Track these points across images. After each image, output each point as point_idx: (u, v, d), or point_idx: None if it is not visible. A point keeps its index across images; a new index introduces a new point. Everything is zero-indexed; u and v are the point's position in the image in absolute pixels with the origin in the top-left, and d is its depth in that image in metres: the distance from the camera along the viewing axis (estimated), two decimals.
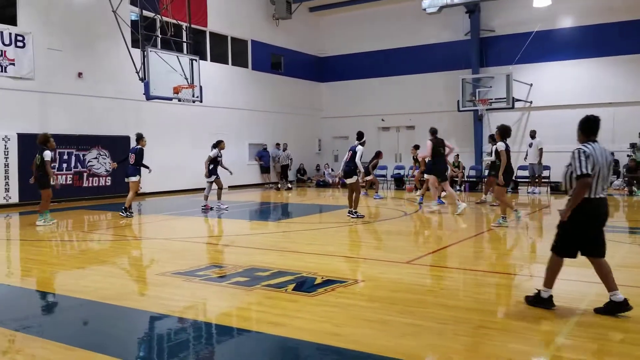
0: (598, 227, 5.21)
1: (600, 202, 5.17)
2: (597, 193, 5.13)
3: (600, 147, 5.19)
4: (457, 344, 4.50)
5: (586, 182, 5.04)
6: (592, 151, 5.10)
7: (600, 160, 5.10)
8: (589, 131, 5.27)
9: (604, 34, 22.08)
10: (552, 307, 5.28)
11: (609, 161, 5.18)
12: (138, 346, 4.77)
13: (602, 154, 5.14)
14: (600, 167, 5.09)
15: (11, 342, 4.73)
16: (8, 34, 16.02)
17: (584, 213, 5.13)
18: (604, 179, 5.14)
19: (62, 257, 8.87)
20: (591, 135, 5.27)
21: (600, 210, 5.18)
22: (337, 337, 4.63)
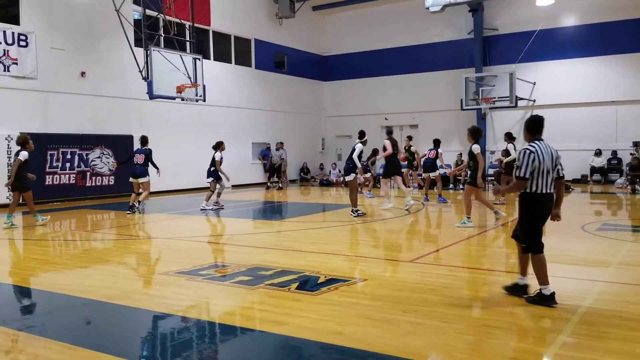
0: (542, 221, 5.57)
1: (547, 198, 5.52)
2: (543, 189, 5.47)
3: (545, 145, 5.52)
4: (461, 342, 4.50)
5: (521, 184, 5.48)
6: (537, 150, 5.44)
7: (545, 158, 5.44)
8: (535, 130, 5.62)
9: (607, 32, 22.04)
10: (555, 304, 5.36)
11: (553, 158, 5.52)
12: (141, 345, 4.78)
13: (546, 152, 5.47)
14: (544, 165, 5.43)
15: (14, 341, 4.75)
16: (11, 34, 16.05)
17: (531, 207, 5.54)
18: (548, 176, 5.47)
19: (65, 257, 8.89)
20: (537, 134, 5.61)
21: (545, 206, 5.53)
22: (341, 336, 4.63)
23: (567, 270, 7.26)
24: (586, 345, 4.37)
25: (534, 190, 5.47)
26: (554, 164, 5.54)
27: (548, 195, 5.51)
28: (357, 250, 9.25)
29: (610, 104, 22.06)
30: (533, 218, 5.54)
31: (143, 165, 13.81)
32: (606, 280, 6.62)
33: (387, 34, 26.87)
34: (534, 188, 5.46)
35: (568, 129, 22.61)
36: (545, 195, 5.49)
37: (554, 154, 5.56)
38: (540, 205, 5.51)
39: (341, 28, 28.62)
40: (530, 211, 5.54)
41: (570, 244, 9.23)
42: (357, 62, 27.97)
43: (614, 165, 21.91)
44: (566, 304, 5.48)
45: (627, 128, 21.49)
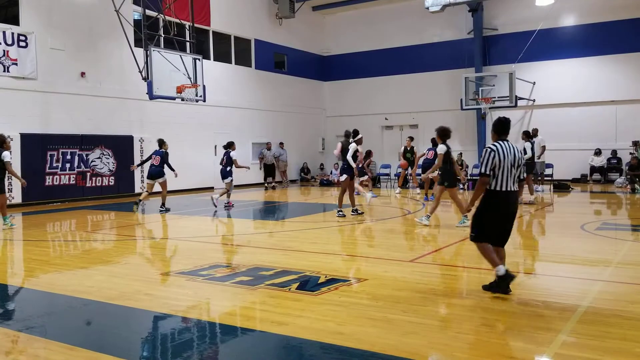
0: (504, 217, 5.80)
1: (507, 195, 5.73)
2: (503, 187, 5.71)
3: (508, 145, 5.82)
4: (461, 342, 4.50)
5: (483, 180, 5.75)
6: (498, 149, 5.73)
7: (505, 156, 5.71)
8: (500, 131, 5.95)
9: (606, 32, 22.05)
10: (509, 291, 5.71)
11: (516, 158, 5.78)
12: (142, 346, 4.78)
13: (508, 152, 5.75)
14: (505, 163, 5.69)
15: (14, 342, 4.75)
16: (10, 34, 16.05)
17: (492, 204, 5.77)
18: (509, 173, 5.72)
19: (66, 257, 8.90)
20: (502, 134, 5.94)
21: (508, 202, 5.75)
22: (341, 336, 4.64)
23: (567, 270, 7.27)
24: (586, 344, 4.38)
25: (493, 188, 5.73)
26: (517, 163, 5.77)
27: (509, 193, 5.73)
28: (357, 250, 9.26)
29: (610, 103, 22.07)
30: (489, 212, 5.79)
31: (159, 167, 14.40)
32: (606, 279, 6.62)
33: (387, 33, 26.88)
34: (494, 185, 5.73)
35: (568, 128, 22.63)
36: (505, 192, 5.71)
37: (517, 155, 5.81)
38: (499, 201, 5.73)
39: (341, 28, 28.63)
40: (487, 207, 5.79)
41: (570, 243, 9.24)
42: (357, 62, 27.97)
43: (614, 164, 21.91)
44: (566, 303, 5.49)
45: (626, 127, 21.49)
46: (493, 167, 5.70)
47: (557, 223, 12.27)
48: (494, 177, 5.73)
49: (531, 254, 8.84)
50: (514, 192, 5.79)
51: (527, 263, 7.96)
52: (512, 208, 5.80)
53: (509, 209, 5.78)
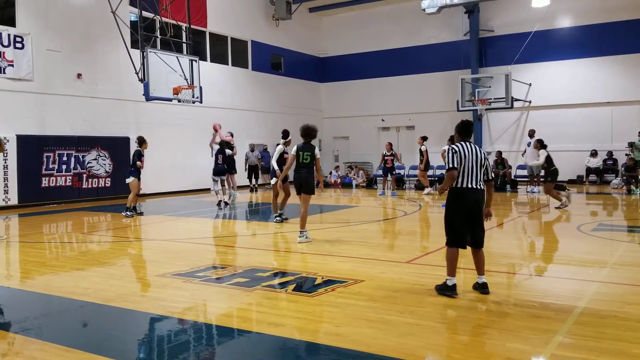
0: (467, 213, 5.91)
1: (466, 192, 5.91)
2: (464, 184, 5.90)
3: (471, 146, 6.00)
4: (457, 343, 4.51)
5: (452, 174, 5.93)
6: (460, 149, 5.94)
7: (467, 156, 5.90)
8: (463, 133, 6.12)
9: (602, 33, 22.12)
10: (454, 295, 5.82)
11: (478, 158, 5.95)
12: (138, 348, 4.77)
13: (470, 151, 5.93)
14: (466, 162, 5.89)
15: (10, 344, 4.74)
16: (7, 35, 16.01)
17: (451, 200, 6.01)
18: (471, 173, 5.90)
19: (62, 259, 8.88)
20: (465, 136, 6.12)
21: (466, 199, 5.91)
22: (338, 337, 4.64)
23: (563, 271, 7.29)
24: (582, 345, 4.39)
25: (455, 185, 5.93)
26: (480, 163, 5.95)
27: (471, 190, 5.90)
28: (353, 251, 9.25)
29: (606, 104, 22.14)
30: (453, 210, 5.98)
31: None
32: (602, 280, 6.64)
33: (384, 35, 26.92)
34: (456, 183, 5.93)
35: (564, 129, 22.69)
36: (467, 189, 5.89)
37: (480, 155, 5.98)
38: (462, 198, 5.91)
39: (338, 29, 28.66)
40: (451, 203, 6.01)
41: (566, 244, 9.26)
42: (353, 63, 28.01)
43: (610, 165, 21.97)
44: (562, 304, 5.50)
45: (622, 129, 21.55)
46: (458, 163, 5.90)
47: (553, 224, 12.28)
48: (457, 175, 5.93)
49: (528, 255, 8.86)
50: (478, 189, 5.92)
51: (523, 264, 7.97)
52: (475, 205, 5.91)
53: (472, 205, 5.89)
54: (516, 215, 13.93)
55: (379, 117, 27.10)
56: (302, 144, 9.83)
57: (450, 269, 5.96)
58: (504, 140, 24.13)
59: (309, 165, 9.75)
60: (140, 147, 13.93)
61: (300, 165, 9.74)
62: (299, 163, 9.75)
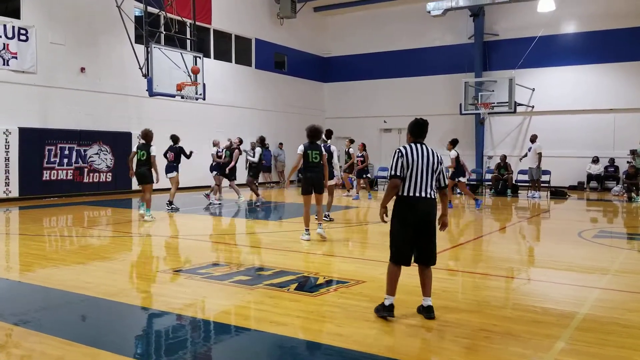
0: (413, 226, 5.20)
1: (416, 201, 5.20)
2: (412, 192, 5.20)
3: (422, 148, 5.29)
4: (458, 346, 4.50)
5: (393, 182, 5.25)
6: (407, 152, 5.23)
7: (416, 160, 5.20)
8: (416, 133, 5.40)
9: (606, 40, 22.11)
10: (390, 316, 5.13)
11: (430, 162, 5.24)
12: (139, 343, 4.77)
13: (419, 155, 5.23)
14: (414, 168, 5.19)
15: (9, 336, 4.73)
16: (11, 27, 16.00)
17: (397, 211, 5.28)
18: (420, 179, 5.20)
19: (63, 253, 8.88)
20: (418, 137, 5.40)
21: (414, 210, 5.19)
22: (339, 337, 4.64)
23: (564, 277, 7.28)
24: (584, 351, 4.38)
25: (401, 193, 5.25)
26: (433, 168, 5.25)
27: (420, 199, 5.19)
28: (356, 251, 9.26)
29: (609, 111, 22.13)
30: (398, 223, 5.26)
31: (172, 162, 14.53)
32: (603, 287, 6.63)
33: (388, 36, 26.90)
34: (401, 190, 5.25)
35: (566, 135, 22.69)
36: (416, 199, 5.19)
37: (433, 159, 5.28)
38: (409, 209, 5.21)
39: (342, 30, 28.64)
40: (396, 214, 5.29)
41: (567, 250, 9.25)
42: (357, 64, 27.99)
43: (611, 172, 21.96)
44: (563, 310, 5.50)
45: (624, 136, 21.54)
46: (401, 169, 5.21)
47: (553, 230, 12.28)
48: (402, 181, 5.24)
49: (528, 261, 8.86)
50: (428, 199, 5.21)
51: (524, 269, 7.97)
52: (423, 216, 5.19)
53: (419, 216, 5.18)
54: (516, 220, 13.93)
55: (381, 118, 27.08)
56: (308, 144, 9.86)
57: (389, 287, 5.24)
58: (506, 145, 24.12)
59: (319, 164, 9.77)
60: (176, 143, 14.64)
61: (311, 165, 9.72)
62: (309, 163, 9.73)
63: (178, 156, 14.55)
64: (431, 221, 5.24)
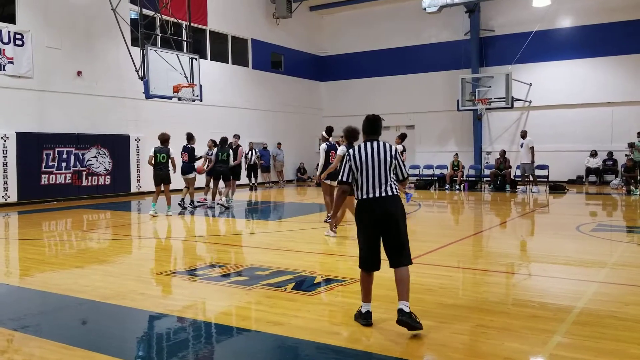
0: (375, 228, 4.91)
1: (373, 202, 4.90)
2: (365, 193, 4.93)
3: (373, 146, 4.97)
4: (456, 342, 4.51)
5: (340, 188, 5.11)
6: (355, 154, 4.97)
7: (363, 159, 4.92)
8: (367, 131, 5.12)
9: (602, 34, 22.11)
10: (367, 324, 4.89)
11: (382, 159, 4.91)
12: (137, 346, 4.78)
13: (370, 154, 4.93)
14: (364, 168, 4.91)
15: (9, 341, 4.74)
16: (7, 32, 16.00)
17: (356, 215, 5.04)
18: (373, 178, 4.89)
19: (61, 257, 8.88)
20: (370, 134, 5.10)
21: (371, 211, 4.89)
22: (337, 336, 4.65)
23: (562, 271, 7.29)
24: (580, 345, 4.39)
25: (358, 197, 4.99)
26: (386, 165, 4.91)
27: (376, 199, 4.88)
28: (353, 250, 9.25)
29: (606, 105, 22.13)
30: (358, 226, 5.02)
31: (188, 163, 14.86)
32: (601, 280, 6.64)
33: (384, 34, 26.90)
34: (357, 194, 5.00)
35: (564, 130, 22.70)
36: (370, 199, 4.90)
37: (384, 154, 4.94)
38: (364, 211, 4.94)
39: (338, 28, 28.64)
40: (356, 218, 5.05)
41: (565, 244, 9.26)
42: (354, 62, 27.99)
43: (610, 166, 21.97)
44: (561, 304, 5.51)
45: (622, 129, 21.55)
46: (350, 173, 4.98)
47: (552, 224, 12.29)
48: (357, 184, 4.99)
49: (526, 255, 8.87)
50: (384, 197, 4.88)
51: (523, 264, 7.98)
52: (381, 216, 4.86)
53: (377, 216, 4.86)
54: (515, 215, 13.94)
55: None
56: (348, 145, 9.74)
57: (363, 294, 5.01)
58: (504, 140, 24.12)
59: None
60: (189, 142, 15.00)
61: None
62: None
63: (191, 156, 14.86)
64: (393, 219, 4.87)
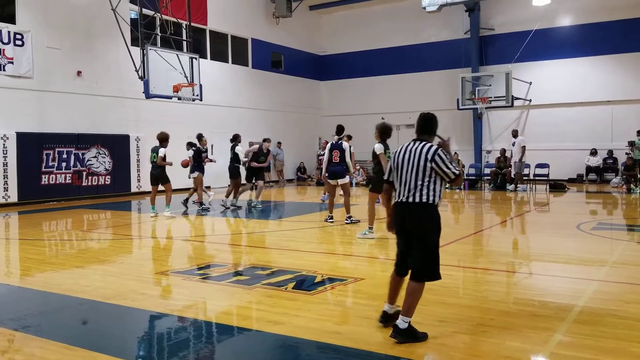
0: (398, 235, 4.74)
1: (397, 207, 4.69)
2: (396, 196, 4.71)
3: (412, 146, 4.66)
4: (457, 341, 4.51)
5: (384, 187, 4.96)
6: (396, 153, 4.76)
7: (400, 162, 4.66)
8: (417, 128, 4.84)
9: (602, 32, 22.10)
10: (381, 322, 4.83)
11: (415, 161, 4.55)
12: (138, 345, 4.78)
13: (406, 154, 4.63)
14: (398, 170, 4.68)
15: (10, 341, 4.74)
16: (7, 32, 15.99)
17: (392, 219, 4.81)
18: (404, 181, 4.61)
19: (62, 257, 8.88)
20: (418, 132, 4.81)
21: (396, 215, 4.69)
22: (338, 335, 4.64)
23: (563, 269, 7.29)
24: (581, 344, 4.39)
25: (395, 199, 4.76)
26: (417, 168, 4.54)
27: (399, 204, 4.67)
28: (353, 249, 9.26)
29: (606, 103, 22.13)
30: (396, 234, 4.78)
31: (193, 163, 14.93)
32: (601, 279, 6.64)
33: (384, 33, 26.89)
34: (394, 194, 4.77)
35: (564, 128, 22.69)
36: (397, 204, 4.70)
37: (418, 157, 4.56)
38: (394, 214, 4.73)
39: (338, 27, 28.63)
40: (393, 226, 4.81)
41: (566, 243, 9.26)
42: (353, 61, 27.98)
43: (610, 164, 21.97)
44: (561, 303, 5.51)
45: (622, 128, 21.53)
46: (389, 173, 4.82)
47: (552, 223, 12.29)
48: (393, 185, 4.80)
49: (527, 254, 8.87)
50: (405, 204, 4.59)
51: (523, 263, 7.98)
52: (401, 224, 4.64)
53: (399, 224, 4.66)
54: (515, 214, 13.94)
55: (378, 115, 26.97)
56: (385, 144, 9.66)
57: (389, 294, 4.89)
58: (504, 139, 24.06)
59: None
60: (199, 143, 15.11)
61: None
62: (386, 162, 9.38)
63: (196, 156, 14.86)
64: (412, 230, 4.57)
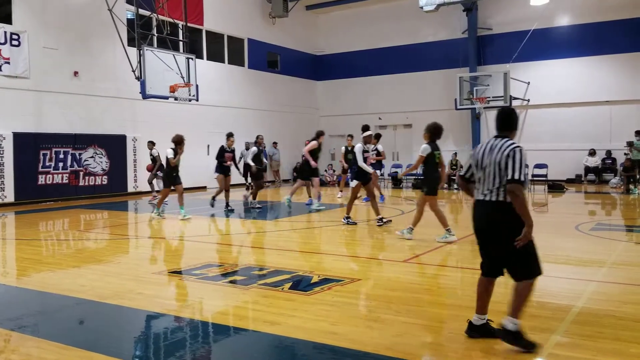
0: (477, 234, 4.59)
1: (474, 206, 4.58)
2: (475, 194, 4.58)
3: (491, 143, 4.49)
4: (454, 342, 4.49)
5: (460, 183, 4.86)
6: (476, 150, 4.61)
7: (480, 158, 4.50)
8: (496, 125, 4.62)
9: (601, 32, 22.13)
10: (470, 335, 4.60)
11: (492, 158, 4.37)
12: (135, 345, 4.76)
13: (488, 152, 4.44)
14: (478, 167, 4.52)
15: (7, 341, 4.71)
16: (3, 33, 15.95)
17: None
18: (482, 179, 4.46)
19: (59, 256, 8.84)
20: (498, 129, 4.58)
21: (473, 214, 4.58)
22: (334, 336, 4.62)
23: (561, 270, 7.27)
24: (579, 344, 4.37)
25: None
26: (493, 166, 4.37)
27: (477, 203, 4.54)
28: (350, 250, 9.24)
29: (604, 103, 22.15)
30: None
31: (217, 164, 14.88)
32: (600, 280, 6.63)
33: (381, 33, 26.89)
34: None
35: (562, 128, 22.71)
36: (475, 202, 4.57)
37: (496, 154, 4.38)
38: (473, 213, 4.60)
39: (334, 27, 28.63)
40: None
41: (564, 243, 9.24)
42: (350, 61, 27.98)
43: (608, 165, 21.99)
44: (560, 304, 5.49)
45: (621, 128, 21.56)
46: (467, 170, 4.69)
47: (551, 223, 12.27)
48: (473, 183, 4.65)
49: None
50: (482, 202, 4.45)
51: None
52: (477, 223, 4.52)
53: (475, 223, 4.55)
54: None
55: (376, 115, 27.05)
56: (434, 145, 9.19)
57: (478, 303, 4.66)
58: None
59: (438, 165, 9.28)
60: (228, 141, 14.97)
61: (437, 166, 9.21)
62: (435, 164, 9.14)
63: (219, 155, 14.76)
64: (490, 229, 4.41)
